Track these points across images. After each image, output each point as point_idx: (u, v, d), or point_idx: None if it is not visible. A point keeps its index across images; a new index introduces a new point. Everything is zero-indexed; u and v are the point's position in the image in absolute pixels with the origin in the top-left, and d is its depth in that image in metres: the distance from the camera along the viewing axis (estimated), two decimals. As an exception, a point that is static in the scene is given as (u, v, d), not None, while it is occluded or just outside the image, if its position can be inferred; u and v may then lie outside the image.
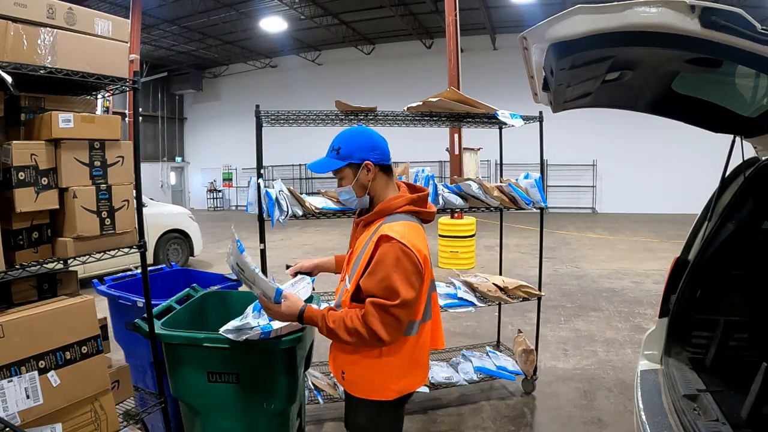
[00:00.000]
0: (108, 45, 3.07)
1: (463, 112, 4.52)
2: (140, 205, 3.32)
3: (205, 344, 2.80)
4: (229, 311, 3.60)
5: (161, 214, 11.02)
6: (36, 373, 2.53)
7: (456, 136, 12.29)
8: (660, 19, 1.83)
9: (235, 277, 2.74)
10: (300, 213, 4.05)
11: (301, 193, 4.13)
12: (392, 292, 2.16)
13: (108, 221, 3.05)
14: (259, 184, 4.00)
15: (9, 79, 2.59)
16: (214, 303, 3.69)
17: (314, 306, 2.35)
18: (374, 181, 2.44)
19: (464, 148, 13.07)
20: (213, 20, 21.63)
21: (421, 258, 2.26)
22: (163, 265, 4.83)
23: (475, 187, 4.48)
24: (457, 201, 4.52)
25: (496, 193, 4.53)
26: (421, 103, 4.43)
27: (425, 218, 2.53)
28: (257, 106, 4.12)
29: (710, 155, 8.01)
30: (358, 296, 2.29)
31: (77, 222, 2.88)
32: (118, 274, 3.70)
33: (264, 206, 3.99)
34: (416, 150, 19.93)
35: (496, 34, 23.74)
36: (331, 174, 2.52)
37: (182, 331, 2.95)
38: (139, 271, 3.46)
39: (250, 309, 2.76)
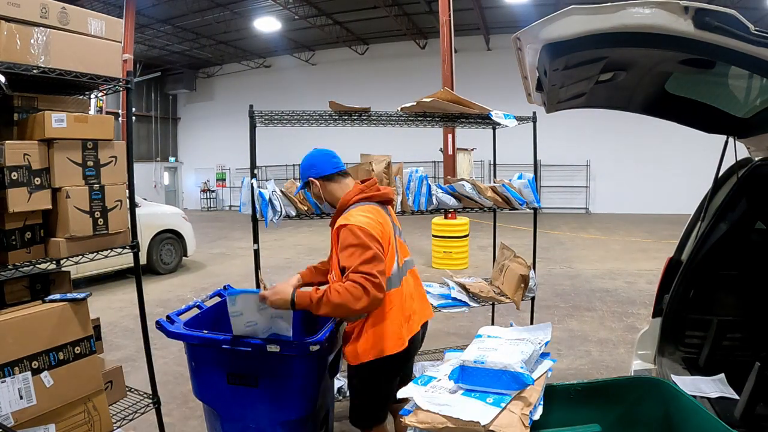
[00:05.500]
0: (101, 45, 3.06)
1: (457, 113, 4.52)
2: (133, 205, 3.31)
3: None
4: None
5: (154, 215, 10.96)
6: (29, 373, 2.52)
7: (450, 136, 12.29)
8: (653, 20, 1.84)
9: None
10: (293, 213, 4.04)
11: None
12: (359, 255, 2.61)
13: (101, 221, 3.04)
14: (252, 185, 3.99)
15: (2, 78, 2.58)
16: None
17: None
18: (323, 189, 3.07)
19: (458, 149, 13.07)
20: (207, 20, 21.57)
21: (371, 229, 2.71)
22: (220, 289, 3.82)
23: (468, 187, 4.48)
24: (451, 201, 4.52)
25: (489, 193, 4.53)
26: (414, 103, 4.42)
27: (381, 200, 3.04)
28: (251, 107, 4.11)
29: (703, 156, 8.04)
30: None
31: (70, 222, 2.88)
32: (181, 308, 3.42)
33: (257, 207, 3.98)
34: (410, 150, 19.96)
35: (490, 34, 23.76)
36: None
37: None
38: (202, 300, 3.40)
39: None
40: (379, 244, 2.71)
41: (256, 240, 4.16)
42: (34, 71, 2.71)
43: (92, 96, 3.48)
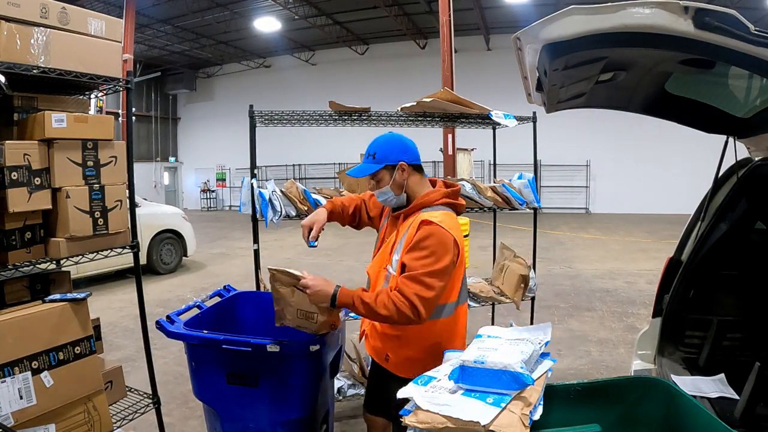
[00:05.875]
0: (101, 44, 3.06)
1: (457, 113, 4.52)
2: (133, 206, 3.31)
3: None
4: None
5: (154, 215, 10.96)
6: (29, 373, 2.52)
7: (450, 136, 12.31)
8: (653, 20, 1.84)
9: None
10: (293, 213, 4.04)
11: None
12: (429, 264, 2.42)
13: (101, 221, 3.04)
14: (252, 185, 3.99)
15: (2, 78, 2.58)
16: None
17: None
18: (409, 179, 2.70)
19: (458, 149, 13.08)
20: (207, 20, 21.58)
21: (457, 241, 2.52)
22: (220, 290, 3.72)
23: (468, 187, 4.47)
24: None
25: (489, 193, 4.53)
26: (414, 103, 4.42)
27: (458, 210, 2.77)
28: (251, 106, 4.11)
29: (704, 156, 8.04)
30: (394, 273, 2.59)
31: (70, 222, 2.88)
32: (181, 308, 3.41)
33: (257, 207, 3.98)
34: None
35: (490, 34, 23.78)
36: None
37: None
38: (202, 300, 3.39)
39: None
40: (454, 261, 2.53)
41: (256, 240, 4.16)
42: (34, 71, 2.71)
43: (92, 96, 3.48)
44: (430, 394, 2.08)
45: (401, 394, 2.16)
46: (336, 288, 2.53)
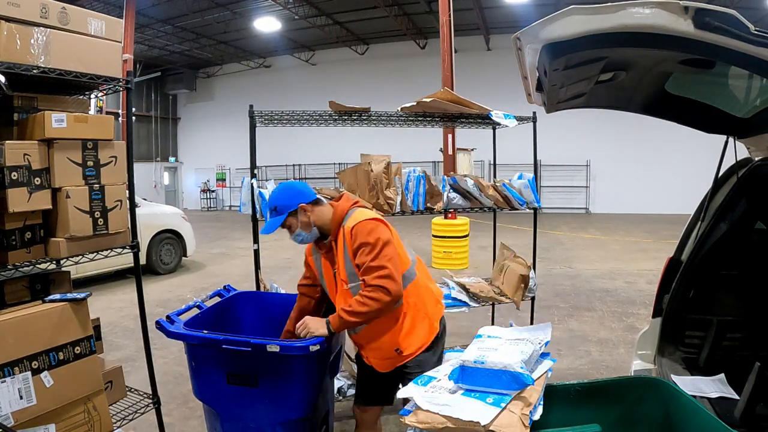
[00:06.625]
0: (101, 44, 3.07)
1: (457, 113, 4.53)
2: (133, 206, 3.31)
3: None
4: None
5: (154, 215, 10.96)
6: (29, 373, 2.52)
7: (450, 136, 12.28)
8: (653, 20, 1.84)
9: None
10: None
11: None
12: (372, 251, 2.72)
13: (101, 221, 3.04)
14: (252, 185, 3.98)
15: (2, 78, 2.58)
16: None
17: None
18: (313, 214, 2.95)
19: (458, 149, 13.07)
20: (207, 20, 21.57)
21: (377, 218, 2.87)
22: (220, 290, 3.71)
23: (470, 183, 4.47)
24: (461, 201, 4.52)
25: (491, 191, 4.53)
26: (414, 103, 4.42)
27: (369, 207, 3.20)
28: (251, 107, 4.11)
29: (704, 155, 8.03)
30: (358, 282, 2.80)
31: (70, 222, 2.88)
32: (181, 308, 3.40)
33: (257, 207, 3.98)
34: (410, 150, 19.95)
35: (490, 34, 23.77)
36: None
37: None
38: (202, 300, 3.38)
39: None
40: (386, 231, 2.82)
41: (256, 240, 4.16)
42: (34, 71, 2.71)
43: (92, 96, 3.48)
44: (430, 394, 2.08)
45: (401, 393, 2.16)
46: (326, 320, 2.80)
